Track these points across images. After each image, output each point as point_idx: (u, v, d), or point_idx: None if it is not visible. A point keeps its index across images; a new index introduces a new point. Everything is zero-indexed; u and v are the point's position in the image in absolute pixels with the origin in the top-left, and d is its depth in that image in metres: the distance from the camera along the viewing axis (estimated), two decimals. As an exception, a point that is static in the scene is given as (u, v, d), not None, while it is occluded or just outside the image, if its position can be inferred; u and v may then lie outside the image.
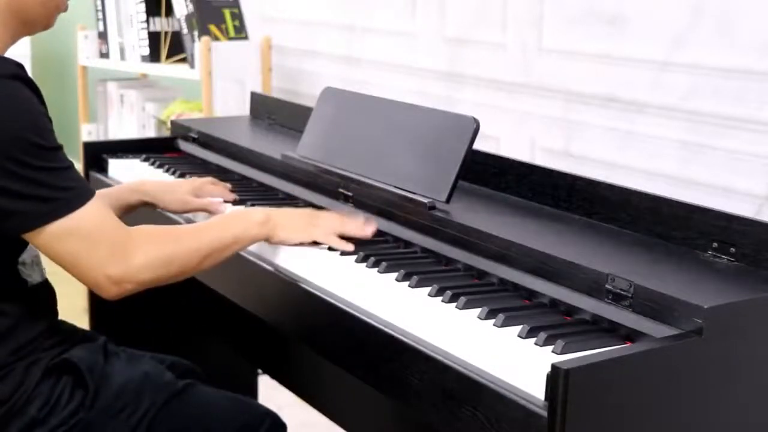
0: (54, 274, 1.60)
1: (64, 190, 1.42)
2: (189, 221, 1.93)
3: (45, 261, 1.55)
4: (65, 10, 1.58)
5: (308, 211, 1.76)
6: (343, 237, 1.67)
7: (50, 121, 1.45)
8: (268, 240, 1.65)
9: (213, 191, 1.97)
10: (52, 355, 1.54)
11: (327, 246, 1.66)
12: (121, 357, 1.65)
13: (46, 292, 1.60)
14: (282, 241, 1.66)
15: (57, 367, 1.53)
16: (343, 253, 1.64)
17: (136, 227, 1.51)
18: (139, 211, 1.93)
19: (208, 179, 2.01)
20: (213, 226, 1.61)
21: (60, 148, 1.44)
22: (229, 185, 2.01)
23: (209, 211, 1.90)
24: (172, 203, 1.92)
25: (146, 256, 1.47)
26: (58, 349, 1.56)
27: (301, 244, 1.67)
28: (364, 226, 1.69)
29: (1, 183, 1.37)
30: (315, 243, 1.67)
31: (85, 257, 1.43)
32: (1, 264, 1.50)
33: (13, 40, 1.52)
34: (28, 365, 1.50)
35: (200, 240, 1.55)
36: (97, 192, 1.56)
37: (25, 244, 1.51)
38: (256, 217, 1.64)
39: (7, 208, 1.39)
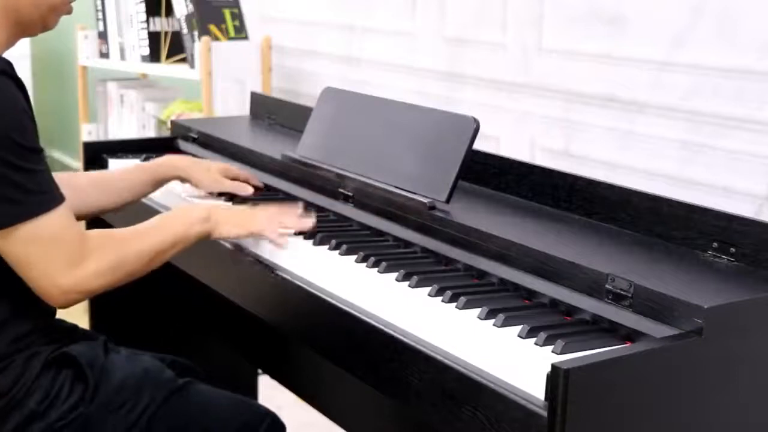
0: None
1: (36, 193, 1.42)
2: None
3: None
4: (68, 12, 1.58)
5: (247, 207, 1.81)
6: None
7: (34, 122, 1.45)
8: (209, 236, 1.66)
9: (237, 172, 2.04)
10: (52, 349, 1.55)
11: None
12: (122, 353, 1.66)
13: None
14: (222, 236, 1.68)
15: (57, 360, 1.54)
16: (341, 252, 1.63)
17: (90, 232, 1.52)
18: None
19: (234, 165, 2.09)
20: (156, 227, 1.61)
21: (40, 150, 1.44)
22: (254, 176, 2.08)
23: (238, 193, 1.98)
24: (204, 181, 1.98)
25: (96, 264, 1.47)
26: (58, 343, 1.57)
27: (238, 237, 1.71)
28: (301, 219, 1.73)
29: None
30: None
31: (41, 264, 1.44)
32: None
33: (10, 41, 1.52)
34: (28, 358, 1.51)
35: (145, 242, 1.56)
36: (135, 164, 1.54)
37: None
38: (197, 214, 1.65)
39: None
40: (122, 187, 1.90)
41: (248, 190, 1.98)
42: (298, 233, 1.72)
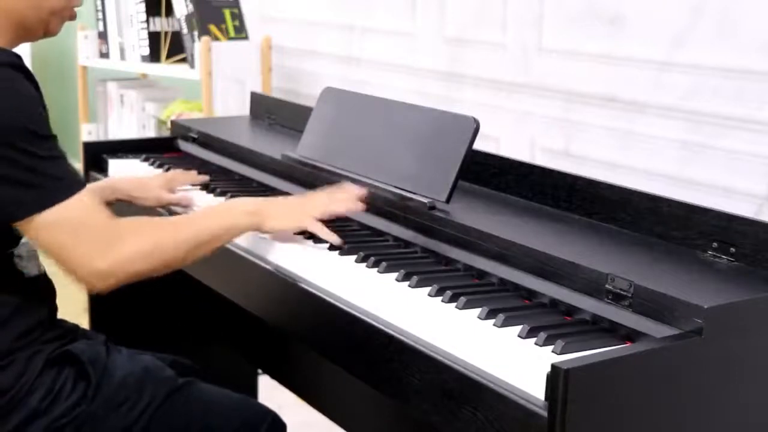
0: (55, 274, 1.60)
1: (55, 179, 1.42)
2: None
3: (44, 259, 1.54)
4: (71, 18, 1.58)
5: (296, 197, 1.76)
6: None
7: (45, 110, 1.45)
8: (258, 230, 1.65)
9: (183, 180, 2.03)
10: (54, 347, 1.55)
11: (316, 237, 1.67)
12: (122, 352, 1.66)
13: (44, 284, 1.61)
14: (272, 230, 1.66)
15: (59, 358, 1.54)
16: (341, 252, 1.63)
17: (124, 219, 1.51)
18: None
19: (178, 171, 2.07)
20: (200, 217, 1.61)
21: (54, 137, 1.44)
22: (194, 171, 2.09)
23: (182, 205, 1.95)
24: (147, 199, 1.96)
25: (132, 248, 1.46)
26: (60, 341, 1.57)
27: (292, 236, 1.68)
28: (353, 198, 1.70)
29: None
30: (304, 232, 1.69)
31: (72, 249, 1.43)
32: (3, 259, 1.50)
33: (13, 44, 1.51)
34: (30, 355, 1.51)
35: (187, 231, 1.54)
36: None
37: (18, 237, 1.52)
38: (245, 207, 1.64)
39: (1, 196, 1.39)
40: None
41: (191, 202, 1.95)
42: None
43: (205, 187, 2.06)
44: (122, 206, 1.95)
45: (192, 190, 2.06)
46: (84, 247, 1.43)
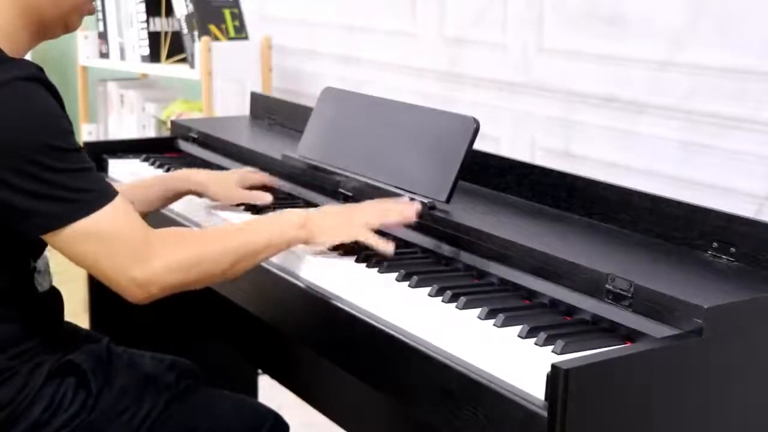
0: (56, 274, 1.60)
1: (85, 191, 1.39)
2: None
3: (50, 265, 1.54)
4: (90, 12, 1.56)
5: (346, 207, 1.70)
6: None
7: (69, 122, 1.43)
8: (306, 243, 1.58)
9: (255, 179, 1.97)
10: (56, 358, 1.53)
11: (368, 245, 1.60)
12: (123, 358, 1.65)
13: (54, 300, 1.60)
14: (323, 243, 1.60)
15: (61, 369, 1.53)
16: (340, 252, 1.63)
17: (160, 229, 1.48)
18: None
19: (249, 169, 2.03)
20: (245, 228, 1.56)
21: (80, 149, 1.42)
22: (267, 174, 2.02)
23: (255, 203, 1.90)
24: (220, 194, 1.91)
25: (169, 258, 1.43)
26: (62, 351, 1.56)
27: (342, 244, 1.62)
28: (406, 212, 1.63)
29: (22, 184, 1.35)
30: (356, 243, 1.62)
31: (106, 259, 1.40)
32: (17, 270, 1.49)
33: (33, 43, 1.50)
34: (32, 368, 1.49)
35: (229, 243, 1.50)
36: (147, 177, 1.46)
37: (42, 248, 1.51)
38: (294, 219, 1.57)
39: (28, 209, 1.37)
40: (133, 199, 1.76)
41: (266, 200, 1.89)
42: None
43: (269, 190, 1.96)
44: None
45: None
46: (119, 256, 1.40)
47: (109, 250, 1.40)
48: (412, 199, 1.69)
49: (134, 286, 1.42)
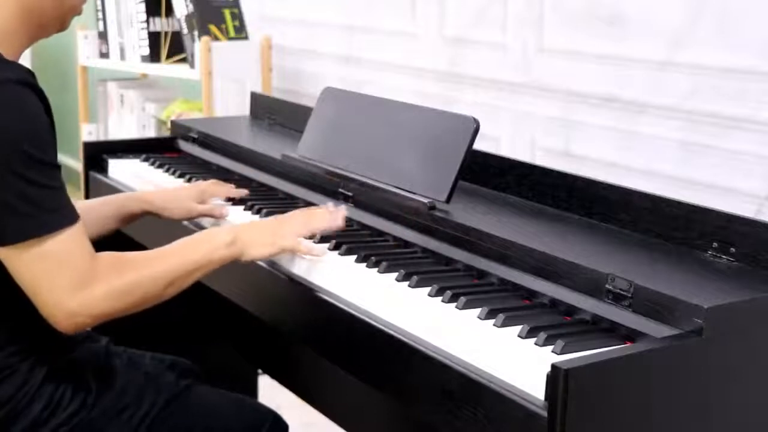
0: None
1: (48, 211, 1.37)
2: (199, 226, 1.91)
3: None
4: (80, 13, 1.57)
5: (273, 219, 1.70)
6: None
7: (54, 136, 1.42)
8: (238, 259, 1.59)
9: (217, 192, 1.94)
10: (56, 357, 1.54)
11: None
12: (123, 357, 1.65)
13: None
14: (253, 259, 1.61)
15: (60, 368, 1.53)
16: (341, 252, 1.63)
17: (102, 255, 1.45)
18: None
19: (212, 181, 1.98)
20: (177, 252, 1.54)
21: (56, 165, 1.40)
22: (233, 185, 1.99)
23: (214, 216, 1.88)
24: (175, 212, 1.89)
25: (107, 286, 1.42)
26: (62, 350, 1.56)
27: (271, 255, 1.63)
28: (332, 216, 1.67)
29: None
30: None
31: (46, 285, 1.39)
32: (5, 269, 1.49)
33: (28, 43, 1.50)
34: (32, 366, 1.49)
35: (163, 267, 1.49)
36: (102, 198, 1.46)
37: None
38: (223, 238, 1.57)
39: None
40: (87, 220, 1.64)
41: (224, 213, 1.87)
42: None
43: (241, 201, 1.95)
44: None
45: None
46: (56, 284, 1.38)
47: (52, 273, 1.38)
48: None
49: (64, 315, 1.40)
